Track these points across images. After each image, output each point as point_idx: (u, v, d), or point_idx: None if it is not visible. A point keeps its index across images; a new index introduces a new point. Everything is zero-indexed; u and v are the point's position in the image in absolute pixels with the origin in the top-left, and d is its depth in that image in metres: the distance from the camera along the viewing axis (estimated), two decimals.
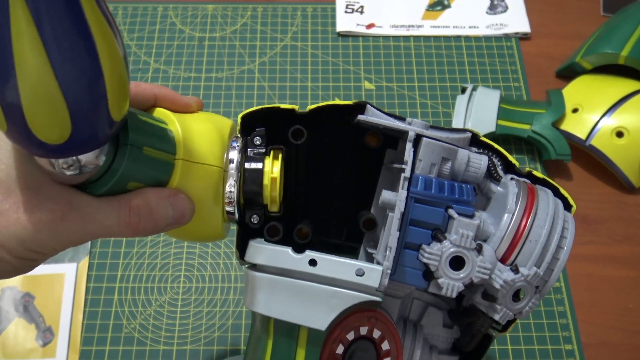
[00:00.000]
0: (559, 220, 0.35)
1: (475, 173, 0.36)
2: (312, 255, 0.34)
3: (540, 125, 0.65)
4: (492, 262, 0.34)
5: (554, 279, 0.35)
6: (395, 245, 0.33)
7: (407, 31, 0.77)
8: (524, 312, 0.35)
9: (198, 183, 0.36)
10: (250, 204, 0.38)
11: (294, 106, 0.39)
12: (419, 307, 0.38)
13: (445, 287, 0.33)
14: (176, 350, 0.56)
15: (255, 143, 0.38)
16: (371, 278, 0.33)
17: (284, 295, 0.35)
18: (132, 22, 0.77)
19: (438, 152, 0.34)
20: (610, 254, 0.62)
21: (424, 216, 0.34)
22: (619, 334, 0.58)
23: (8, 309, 0.58)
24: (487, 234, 0.35)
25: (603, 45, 0.68)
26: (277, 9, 0.78)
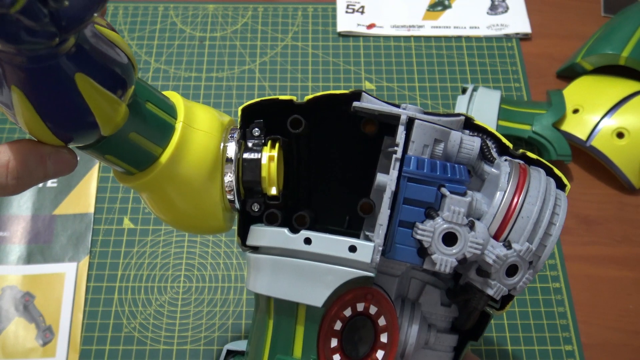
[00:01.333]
0: (551, 197, 0.36)
1: (468, 154, 0.37)
2: (307, 234, 0.35)
3: (540, 126, 0.65)
4: (484, 238, 0.34)
5: (547, 255, 0.36)
6: (385, 222, 0.34)
7: (408, 31, 0.77)
8: (518, 287, 0.36)
9: (197, 149, 0.37)
10: (251, 192, 0.39)
11: (293, 97, 0.40)
12: (417, 286, 0.38)
13: (438, 262, 0.34)
14: (176, 350, 0.56)
15: (254, 134, 0.39)
16: (363, 254, 0.34)
17: (282, 275, 0.36)
18: (132, 21, 0.77)
19: (430, 133, 0.35)
20: (611, 254, 0.62)
21: (416, 195, 0.35)
22: (619, 335, 0.58)
23: (8, 308, 0.58)
24: (480, 212, 0.36)
25: (604, 46, 0.68)
26: (277, 8, 0.78)
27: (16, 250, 0.61)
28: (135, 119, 0.34)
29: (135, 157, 0.35)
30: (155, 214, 0.40)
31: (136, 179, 0.36)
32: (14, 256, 0.61)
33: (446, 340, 0.39)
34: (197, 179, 0.37)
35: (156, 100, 0.35)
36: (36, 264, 0.60)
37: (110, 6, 0.78)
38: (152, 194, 0.38)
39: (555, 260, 0.61)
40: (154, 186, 0.37)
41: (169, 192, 0.37)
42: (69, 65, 0.28)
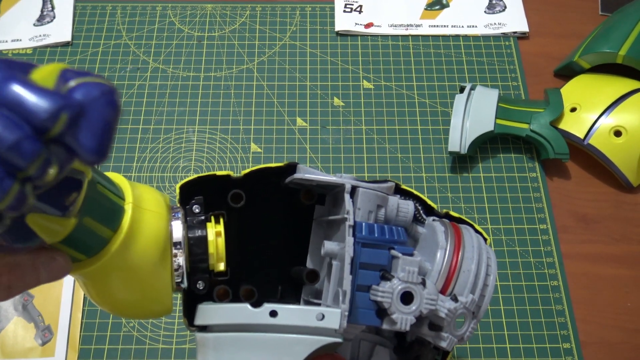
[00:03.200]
0: (484, 251, 0.39)
1: (405, 217, 0.39)
2: (272, 307, 0.36)
3: (538, 125, 0.65)
4: (434, 294, 0.36)
5: (487, 304, 0.38)
6: (349, 289, 0.35)
7: (406, 30, 0.77)
8: (465, 336, 0.38)
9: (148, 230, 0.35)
10: (195, 270, 0.38)
11: (229, 172, 0.41)
12: (367, 348, 0.40)
13: (399, 321, 0.35)
14: (175, 349, 0.56)
15: (194, 211, 0.39)
16: (331, 321, 0.35)
17: (245, 352, 0.36)
18: (131, 21, 0.77)
19: (373, 200, 0.38)
20: (609, 252, 0.62)
21: (371, 259, 0.36)
22: (617, 333, 0.58)
23: (7, 308, 0.58)
24: (424, 270, 0.38)
25: (601, 44, 0.68)
26: (275, 8, 0.78)
27: None
28: (88, 203, 0.31)
29: (86, 243, 0.33)
30: (95, 303, 0.37)
31: (82, 266, 0.33)
32: None
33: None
34: (149, 262, 0.35)
35: (105, 182, 0.33)
36: None
37: (108, 6, 0.78)
38: (97, 282, 0.35)
39: (554, 259, 0.61)
40: (101, 273, 0.34)
41: (117, 279, 0.35)
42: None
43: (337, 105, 0.71)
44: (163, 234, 0.35)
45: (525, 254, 0.62)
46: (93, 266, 0.33)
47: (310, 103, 0.71)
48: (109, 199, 0.33)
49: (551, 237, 0.63)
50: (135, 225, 0.34)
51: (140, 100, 0.71)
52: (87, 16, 0.77)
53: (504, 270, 0.61)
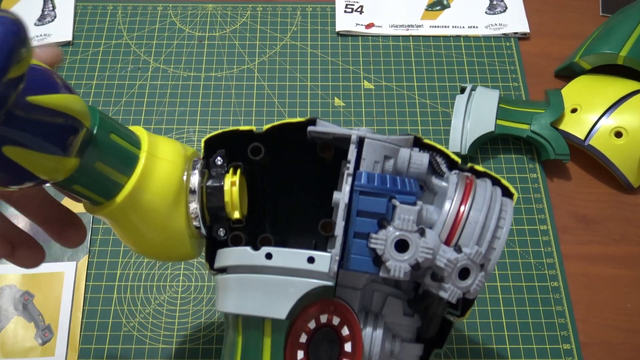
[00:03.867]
0: (496, 204, 0.38)
1: (418, 169, 0.39)
2: (268, 249, 0.37)
3: (539, 125, 0.65)
4: (435, 244, 0.36)
5: (497, 256, 0.37)
6: (341, 233, 0.36)
7: (407, 31, 0.77)
8: (472, 290, 0.37)
9: (161, 177, 0.38)
10: (216, 218, 0.41)
11: (252, 127, 0.42)
12: (380, 298, 0.40)
13: (392, 268, 0.36)
14: (175, 349, 0.56)
15: (216, 163, 0.42)
16: (321, 264, 0.36)
17: (247, 292, 0.37)
18: (131, 21, 0.77)
19: (380, 150, 0.38)
20: (609, 253, 0.62)
21: (368, 207, 0.37)
22: (617, 333, 0.58)
23: (7, 307, 0.58)
24: (431, 221, 0.38)
25: (602, 45, 0.68)
26: (276, 8, 0.79)
27: None
28: (99, 150, 0.36)
29: (101, 186, 0.37)
30: (125, 243, 0.42)
31: (103, 208, 0.38)
32: None
33: (411, 350, 0.40)
34: (162, 206, 0.39)
35: (119, 133, 0.37)
36: None
37: (109, 6, 0.78)
38: (119, 223, 0.39)
39: (554, 259, 0.61)
40: (120, 214, 0.38)
41: (135, 220, 0.39)
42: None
43: (338, 105, 0.71)
44: (176, 181, 0.39)
45: (526, 254, 0.62)
46: (110, 207, 0.37)
47: (311, 103, 0.71)
48: (122, 147, 0.37)
49: (551, 238, 0.63)
50: (147, 172, 0.38)
51: (141, 100, 0.71)
52: (88, 16, 0.77)
53: (504, 270, 0.61)
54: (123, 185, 0.37)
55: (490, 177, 0.41)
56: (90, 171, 0.36)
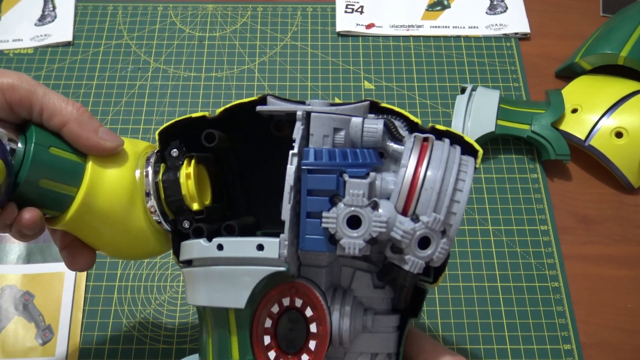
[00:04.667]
0: (454, 164, 0.36)
1: (373, 137, 0.37)
2: (219, 240, 0.37)
3: (539, 126, 0.65)
4: (390, 216, 0.35)
5: (458, 221, 0.36)
6: (288, 217, 0.35)
7: (407, 31, 0.77)
8: (435, 258, 0.36)
9: (111, 181, 0.39)
10: (179, 211, 0.40)
11: (205, 113, 0.41)
12: (348, 273, 0.39)
13: (347, 246, 0.35)
14: (175, 349, 0.56)
15: (172, 155, 0.41)
16: (270, 250, 0.35)
17: (208, 284, 0.37)
18: (132, 21, 0.77)
19: (328, 123, 0.36)
20: (609, 254, 0.62)
21: (317, 184, 0.35)
22: (618, 334, 0.58)
23: (8, 307, 0.58)
24: (387, 191, 0.36)
25: (602, 45, 0.68)
26: (277, 8, 0.79)
27: (16, 250, 0.61)
28: (40, 167, 0.36)
29: (51, 201, 0.37)
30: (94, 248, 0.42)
31: (59, 220, 0.38)
32: (14, 255, 0.61)
33: (386, 322, 0.39)
34: (118, 208, 0.39)
35: (60, 145, 0.37)
36: (36, 263, 0.60)
37: (110, 6, 0.78)
38: (80, 231, 0.40)
39: (554, 260, 0.61)
40: (78, 224, 0.39)
41: (95, 226, 0.39)
42: None
43: None
44: (127, 182, 0.39)
45: (526, 255, 0.62)
46: (65, 219, 0.38)
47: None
48: (65, 159, 0.37)
49: (552, 238, 0.63)
50: (96, 178, 0.38)
51: (141, 100, 0.71)
52: (89, 16, 0.77)
53: (504, 271, 0.61)
54: (74, 196, 0.38)
55: (452, 135, 0.39)
56: (36, 189, 0.36)
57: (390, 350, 0.39)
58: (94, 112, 0.70)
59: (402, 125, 0.39)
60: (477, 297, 0.59)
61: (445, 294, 0.59)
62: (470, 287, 0.60)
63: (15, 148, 0.36)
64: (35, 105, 0.37)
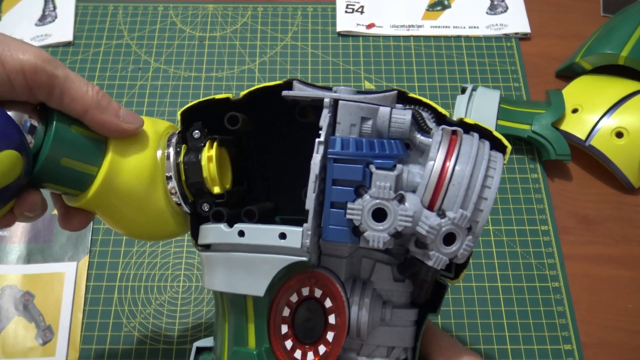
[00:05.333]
0: (483, 160, 0.35)
1: (400, 128, 0.36)
2: (240, 227, 0.36)
3: (540, 126, 0.65)
4: (416, 210, 0.34)
5: (484, 219, 0.35)
6: (312, 206, 0.34)
7: (407, 31, 0.77)
8: (459, 255, 0.35)
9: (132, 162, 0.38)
10: (199, 193, 0.40)
11: (228, 94, 0.40)
12: (368, 265, 0.38)
13: (371, 239, 0.34)
14: (176, 349, 0.56)
15: (194, 136, 0.40)
16: (293, 240, 0.35)
17: (227, 270, 0.37)
18: (132, 21, 0.77)
19: (356, 112, 0.35)
20: (610, 254, 0.62)
21: (343, 174, 0.35)
22: (618, 334, 0.58)
23: (8, 307, 0.58)
24: (414, 184, 0.36)
25: (603, 45, 0.68)
26: (277, 8, 0.79)
27: (16, 250, 0.61)
28: (62, 146, 0.36)
29: (72, 180, 0.37)
30: (112, 228, 0.42)
31: (79, 199, 0.38)
32: (14, 255, 0.61)
33: (404, 315, 0.39)
34: (138, 188, 0.38)
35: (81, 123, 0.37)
36: (36, 263, 0.60)
37: (110, 6, 0.78)
38: (100, 210, 0.39)
39: (555, 260, 0.61)
40: (98, 203, 0.38)
41: (115, 205, 0.39)
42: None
43: None
44: (148, 162, 0.39)
45: (527, 255, 0.62)
46: (85, 198, 0.38)
47: None
48: (87, 138, 0.37)
49: (552, 238, 0.63)
50: (117, 158, 0.38)
51: (142, 100, 0.71)
52: (89, 16, 0.77)
53: (505, 271, 0.61)
54: (95, 175, 0.37)
55: (480, 129, 0.38)
56: (57, 168, 0.36)
57: (407, 344, 0.39)
58: None
59: (430, 117, 0.38)
60: (478, 297, 0.59)
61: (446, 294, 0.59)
62: (471, 287, 0.60)
63: (36, 126, 0.35)
64: (55, 90, 0.35)
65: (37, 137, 0.35)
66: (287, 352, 0.36)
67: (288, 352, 0.36)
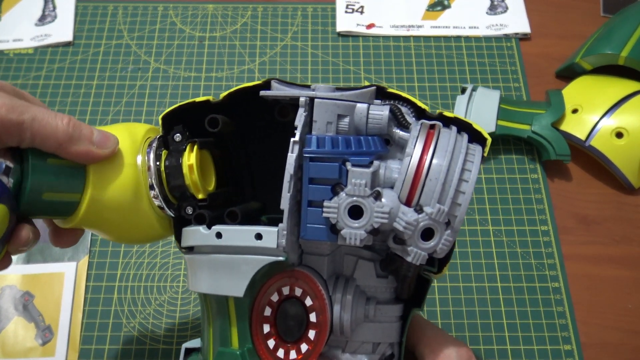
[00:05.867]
0: (460, 154, 0.35)
1: (378, 124, 0.36)
2: (218, 228, 0.37)
3: (540, 126, 0.65)
4: (393, 206, 0.34)
5: (463, 213, 0.35)
6: (287, 207, 0.34)
7: (407, 31, 0.77)
8: (439, 249, 0.35)
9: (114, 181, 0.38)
10: (182, 197, 0.40)
11: (208, 97, 0.41)
12: (351, 262, 0.38)
13: (347, 237, 0.34)
14: (175, 350, 0.56)
15: (175, 140, 0.40)
16: (269, 240, 0.35)
17: (208, 271, 0.38)
18: (132, 21, 0.77)
19: (332, 110, 0.35)
20: (609, 254, 0.62)
21: (319, 173, 0.35)
22: (618, 334, 0.58)
23: (7, 307, 0.58)
24: (391, 180, 0.36)
25: (603, 45, 0.68)
26: (277, 8, 0.78)
27: None
28: (42, 180, 0.36)
29: (57, 210, 0.38)
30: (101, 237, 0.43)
31: (67, 222, 0.39)
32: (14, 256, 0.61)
33: (389, 311, 0.39)
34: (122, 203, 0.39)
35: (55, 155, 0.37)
36: (36, 263, 0.60)
37: (110, 6, 0.78)
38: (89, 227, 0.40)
39: (555, 260, 0.61)
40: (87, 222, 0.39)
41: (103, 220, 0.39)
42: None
43: None
44: (130, 176, 0.39)
45: (526, 255, 0.62)
46: (75, 221, 0.38)
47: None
48: (65, 168, 0.37)
49: (552, 239, 0.63)
50: (98, 181, 0.38)
51: (142, 100, 0.71)
52: (89, 16, 0.77)
53: (504, 271, 0.61)
54: (79, 201, 0.38)
55: (460, 122, 0.38)
56: (41, 203, 0.36)
57: (393, 339, 0.39)
58: (94, 112, 0.70)
59: (409, 112, 0.38)
60: (478, 298, 0.59)
61: (446, 294, 0.59)
62: (471, 288, 0.60)
63: (10, 166, 0.35)
64: (25, 134, 0.35)
65: (14, 176, 0.35)
66: (270, 351, 0.37)
67: (271, 351, 0.37)
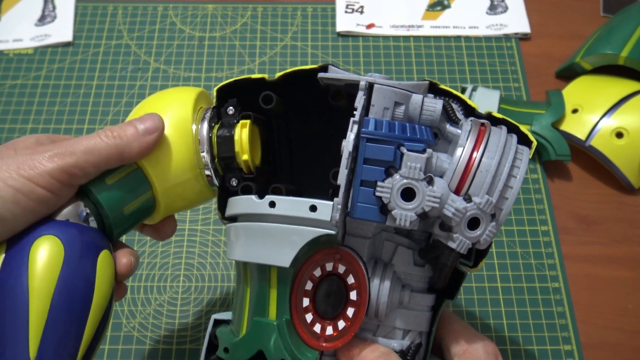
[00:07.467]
0: (510, 151, 0.37)
1: (431, 116, 0.37)
2: (271, 198, 0.38)
3: (540, 126, 0.65)
4: (443, 192, 0.35)
5: (509, 207, 0.36)
6: (343, 182, 0.35)
7: (407, 31, 0.77)
8: (482, 240, 0.36)
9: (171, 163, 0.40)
10: (228, 168, 0.41)
11: (265, 75, 0.42)
12: (390, 248, 0.39)
13: (398, 217, 0.35)
14: (175, 350, 0.56)
15: (228, 113, 0.42)
16: (323, 212, 0.36)
17: (253, 240, 0.38)
18: (132, 21, 0.77)
19: (390, 96, 0.37)
20: (610, 254, 0.62)
21: (375, 154, 0.36)
22: (618, 335, 0.58)
23: None
24: (442, 170, 0.37)
25: (603, 45, 0.68)
26: (277, 8, 0.78)
27: None
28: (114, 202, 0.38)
29: (142, 215, 0.41)
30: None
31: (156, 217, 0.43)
32: None
33: (422, 300, 0.39)
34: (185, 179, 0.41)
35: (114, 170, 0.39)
36: None
37: (110, 6, 0.78)
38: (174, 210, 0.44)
39: (555, 260, 0.61)
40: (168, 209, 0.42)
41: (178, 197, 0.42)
42: None
43: None
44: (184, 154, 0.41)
45: (526, 255, 0.62)
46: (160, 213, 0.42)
47: None
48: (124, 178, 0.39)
49: (552, 239, 0.63)
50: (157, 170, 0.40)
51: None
52: (89, 16, 0.77)
53: (504, 271, 0.61)
54: (153, 196, 0.41)
55: (508, 123, 0.39)
56: (125, 219, 0.39)
57: (423, 328, 0.40)
58: (94, 112, 0.70)
59: (459, 109, 0.39)
60: (478, 298, 0.59)
61: None
62: (471, 288, 0.60)
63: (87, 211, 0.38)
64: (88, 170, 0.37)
65: (93, 214, 0.38)
66: (307, 325, 0.37)
67: (308, 325, 0.37)
